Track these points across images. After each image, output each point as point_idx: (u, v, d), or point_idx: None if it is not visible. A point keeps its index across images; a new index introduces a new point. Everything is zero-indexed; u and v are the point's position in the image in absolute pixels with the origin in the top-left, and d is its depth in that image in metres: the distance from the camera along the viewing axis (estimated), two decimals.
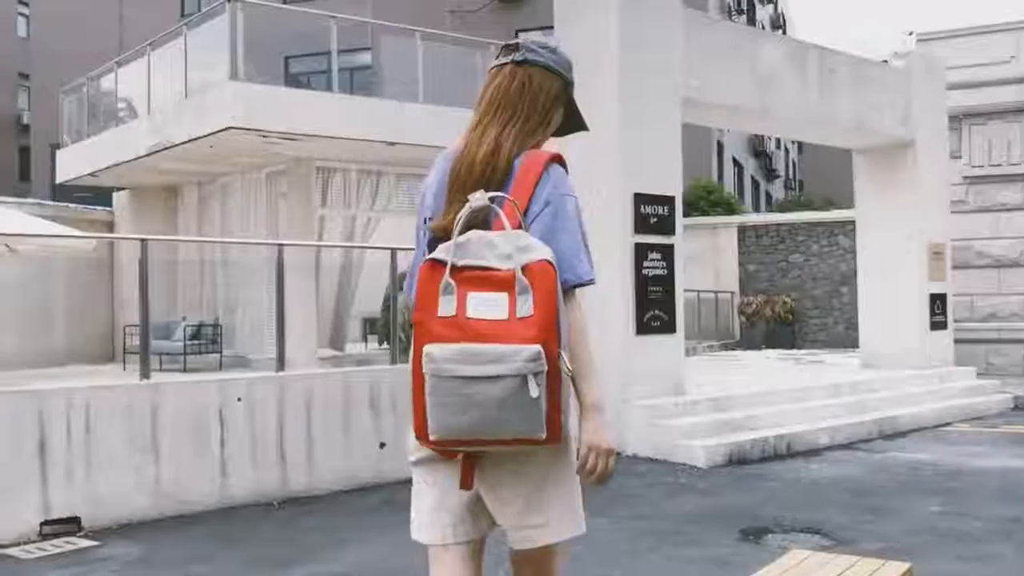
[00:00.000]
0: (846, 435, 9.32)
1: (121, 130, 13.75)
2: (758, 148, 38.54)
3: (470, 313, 1.92)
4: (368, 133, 12.08)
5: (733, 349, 18.70)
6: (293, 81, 18.26)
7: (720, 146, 32.23)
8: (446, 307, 1.93)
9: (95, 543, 5.81)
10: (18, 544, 5.74)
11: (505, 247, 1.96)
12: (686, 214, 22.11)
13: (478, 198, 2.02)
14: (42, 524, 5.90)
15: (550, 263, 1.95)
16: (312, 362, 12.89)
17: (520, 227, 2.02)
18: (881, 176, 12.40)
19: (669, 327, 9.09)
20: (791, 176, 50.00)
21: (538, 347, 1.87)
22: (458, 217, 2.02)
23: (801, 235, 19.61)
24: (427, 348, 1.91)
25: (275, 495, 6.90)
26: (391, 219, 14.10)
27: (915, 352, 12.02)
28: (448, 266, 1.96)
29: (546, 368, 1.88)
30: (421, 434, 1.98)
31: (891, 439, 9.57)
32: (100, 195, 17.95)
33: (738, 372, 13.03)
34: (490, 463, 2.07)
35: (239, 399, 6.78)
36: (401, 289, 8.17)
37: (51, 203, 15.78)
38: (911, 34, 16.31)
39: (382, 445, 7.49)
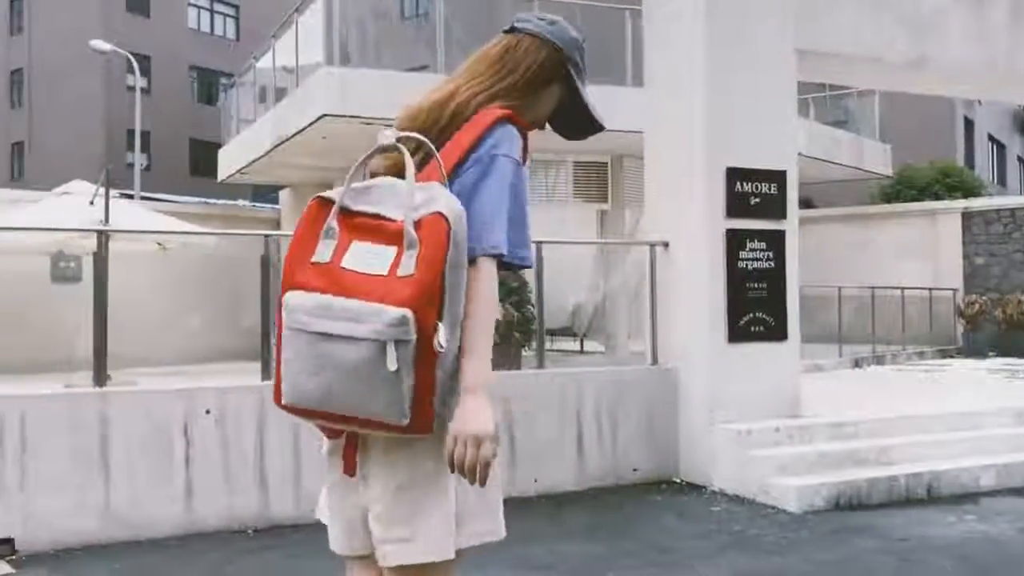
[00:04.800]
0: None
1: (255, 126, 13.59)
2: None
3: (345, 263, 1.68)
4: None
5: (952, 356, 15.90)
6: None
7: (968, 123, 28.32)
8: (322, 252, 1.70)
9: (11, 570, 5.18)
10: None
11: (414, 198, 1.69)
12: (916, 199, 19.37)
13: (387, 135, 1.78)
14: None
15: (444, 216, 1.67)
16: None
17: (441, 179, 1.75)
18: None
19: (777, 334, 7.34)
20: None
21: (404, 311, 1.61)
22: (361, 158, 1.78)
23: None
24: (287, 295, 1.69)
25: (252, 522, 6.03)
26: None
27: None
28: (336, 207, 1.73)
29: (413, 339, 1.62)
30: (276, 395, 1.74)
31: None
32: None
33: (906, 388, 10.78)
34: (372, 449, 1.82)
35: (207, 411, 5.96)
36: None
37: (215, 201, 16.07)
38: None
39: None
